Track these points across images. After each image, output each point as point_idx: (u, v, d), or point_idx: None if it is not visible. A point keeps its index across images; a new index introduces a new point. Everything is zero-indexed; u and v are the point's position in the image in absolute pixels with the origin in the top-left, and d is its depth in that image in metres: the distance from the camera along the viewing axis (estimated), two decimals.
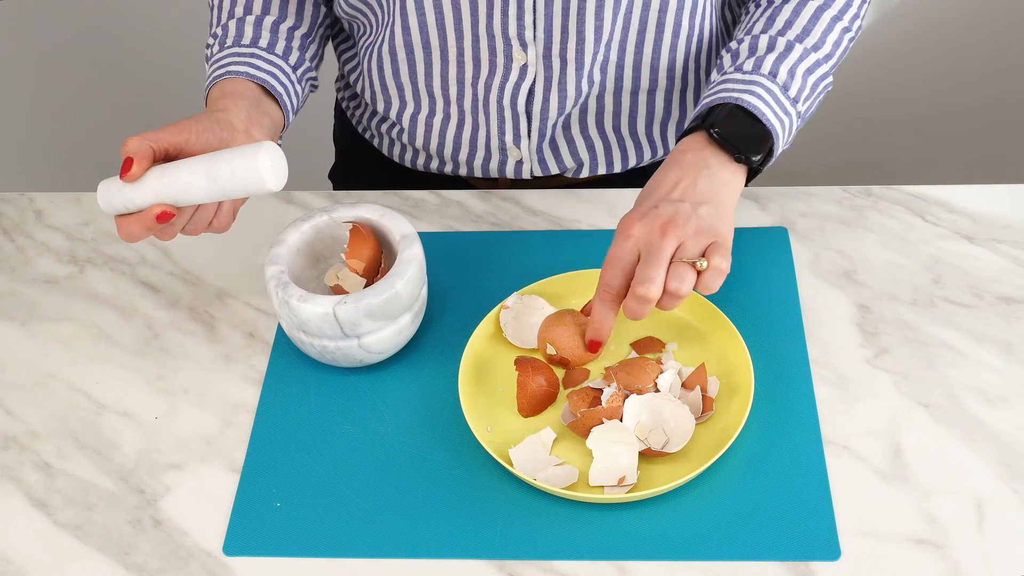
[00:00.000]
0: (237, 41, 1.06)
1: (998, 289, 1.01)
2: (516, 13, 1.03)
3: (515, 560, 0.84)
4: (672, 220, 0.91)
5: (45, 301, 1.06)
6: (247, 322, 1.03)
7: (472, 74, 1.09)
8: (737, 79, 0.99)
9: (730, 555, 0.83)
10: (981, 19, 1.97)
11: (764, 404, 0.92)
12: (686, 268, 0.89)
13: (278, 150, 0.89)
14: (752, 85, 0.98)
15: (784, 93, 0.99)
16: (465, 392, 0.92)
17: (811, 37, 1.02)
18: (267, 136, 1.01)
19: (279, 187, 0.89)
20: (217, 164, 0.88)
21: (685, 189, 0.94)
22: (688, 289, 0.89)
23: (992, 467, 0.88)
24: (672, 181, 0.94)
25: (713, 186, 0.94)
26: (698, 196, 0.93)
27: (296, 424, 0.94)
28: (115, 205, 0.92)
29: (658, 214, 0.91)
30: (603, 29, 1.04)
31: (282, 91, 1.05)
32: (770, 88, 0.98)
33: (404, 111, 1.16)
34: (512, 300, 0.98)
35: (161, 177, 0.89)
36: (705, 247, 0.90)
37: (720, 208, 0.93)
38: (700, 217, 0.92)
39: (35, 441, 0.95)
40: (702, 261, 0.89)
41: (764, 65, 0.99)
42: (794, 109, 0.99)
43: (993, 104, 2.07)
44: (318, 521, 0.87)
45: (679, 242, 0.90)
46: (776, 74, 0.99)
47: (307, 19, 1.12)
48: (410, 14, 1.05)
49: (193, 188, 0.88)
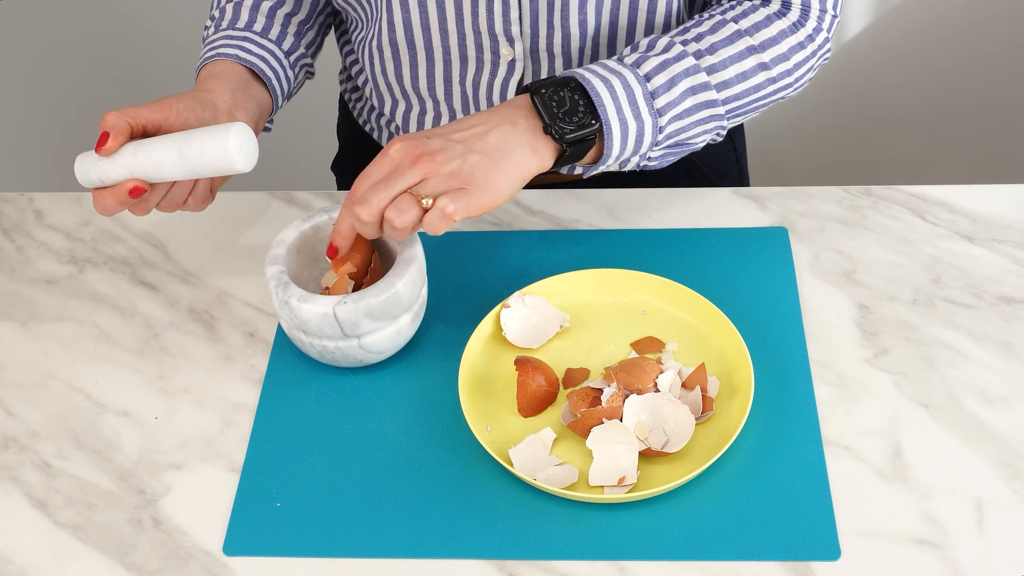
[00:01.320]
0: (232, 24, 1.08)
1: (998, 289, 1.01)
2: (502, 10, 1.03)
3: (515, 560, 0.84)
4: (432, 154, 0.87)
5: (45, 301, 1.06)
6: (247, 322, 1.03)
7: (459, 72, 1.09)
8: (610, 65, 0.95)
9: (730, 555, 0.83)
10: (981, 19, 1.97)
11: (764, 404, 0.92)
12: (409, 201, 0.85)
13: (249, 132, 0.91)
14: (614, 76, 0.94)
15: (648, 98, 0.94)
16: (465, 392, 0.92)
17: (713, 56, 0.96)
18: (251, 119, 1.02)
19: (248, 168, 0.91)
20: (189, 142, 0.90)
21: (473, 134, 0.89)
22: (405, 223, 0.86)
23: (992, 467, 0.88)
24: (470, 123, 0.90)
25: (505, 143, 0.89)
26: (481, 145, 0.89)
27: (296, 424, 0.94)
28: (91, 178, 0.95)
29: (425, 144, 0.88)
30: (587, 23, 1.04)
31: (271, 75, 1.06)
32: (630, 85, 0.93)
33: (397, 109, 1.16)
34: (512, 300, 0.98)
35: (135, 153, 0.92)
36: (448, 190, 0.86)
37: (495, 164, 0.88)
38: (465, 162, 0.87)
39: (35, 441, 0.95)
40: (427, 200, 0.85)
41: (644, 64, 0.95)
42: (652, 119, 0.94)
43: (993, 104, 2.07)
44: (318, 521, 0.87)
45: (423, 176, 0.86)
46: (651, 77, 0.94)
47: (305, 6, 1.13)
48: (395, 11, 1.06)
49: (164, 165, 0.91)
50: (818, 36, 1.02)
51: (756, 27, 0.99)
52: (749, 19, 0.99)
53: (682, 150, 1.00)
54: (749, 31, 0.98)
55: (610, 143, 0.93)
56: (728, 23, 0.99)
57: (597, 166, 0.96)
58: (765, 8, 1.00)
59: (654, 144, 0.96)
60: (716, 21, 0.99)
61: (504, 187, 0.89)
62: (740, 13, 1.00)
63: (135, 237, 1.12)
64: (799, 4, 1.01)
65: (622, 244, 1.06)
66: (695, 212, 1.09)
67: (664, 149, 0.98)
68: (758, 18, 0.99)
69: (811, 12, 1.01)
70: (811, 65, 1.03)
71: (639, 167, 0.99)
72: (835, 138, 2.13)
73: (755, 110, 1.02)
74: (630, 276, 1.00)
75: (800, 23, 1.00)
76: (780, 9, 1.00)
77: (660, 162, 1.00)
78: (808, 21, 1.01)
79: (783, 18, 1.00)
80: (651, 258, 1.04)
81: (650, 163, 0.99)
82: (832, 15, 1.03)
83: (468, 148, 0.88)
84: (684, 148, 1.00)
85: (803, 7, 1.01)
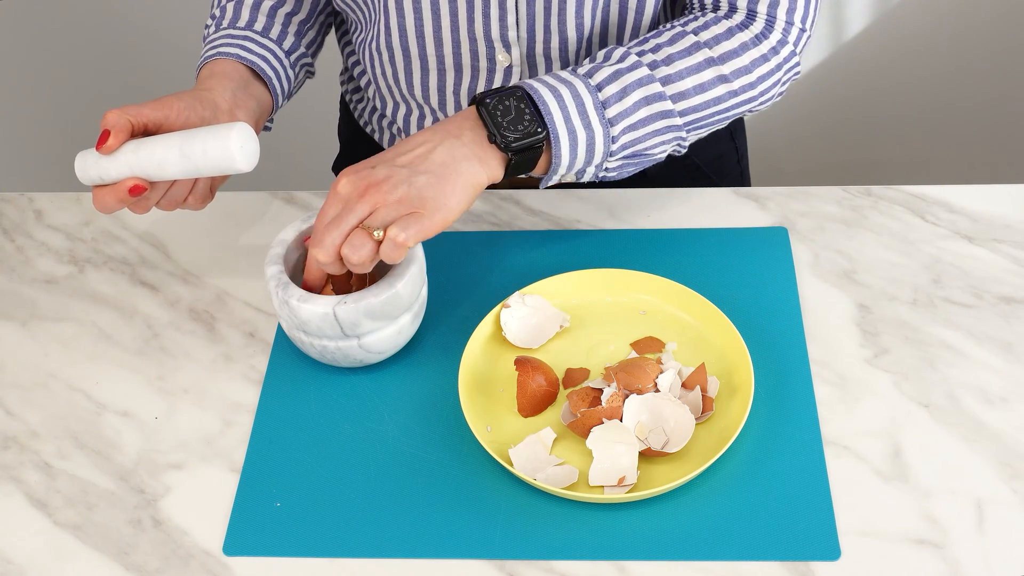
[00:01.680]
0: (233, 23, 1.08)
1: (998, 289, 1.01)
2: (498, 15, 1.03)
3: (515, 560, 0.84)
4: (378, 185, 0.87)
5: (45, 301, 1.06)
6: (247, 322, 1.03)
7: (453, 83, 1.09)
8: (560, 75, 0.94)
9: (730, 555, 0.83)
10: (981, 20, 1.97)
11: (764, 404, 0.92)
12: (362, 237, 0.86)
13: (251, 132, 0.91)
14: (563, 85, 0.93)
15: (599, 108, 0.93)
16: (465, 392, 0.92)
17: (669, 67, 0.95)
18: (252, 118, 1.02)
19: (249, 167, 0.91)
20: (191, 141, 0.90)
21: (418, 156, 0.89)
22: (361, 259, 0.86)
23: (992, 467, 0.88)
24: (415, 143, 0.90)
25: (450, 158, 0.89)
26: (427, 165, 0.88)
27: (296, 424, 0.94)
28: (91, 176, 0.95)
29: (370, 175, 0.88)
30: (584, 26, 1.04)
31: (272, 75, 1.06)
32: (580, 94, 0.92)
33: (398, 111, 1.16)
34: (512, 300, 0.98)
35: (136, 151, 0.92)
36: (399, 217, 0.86)
37: (443, 181, 0.88)
38: (412, 186, 0.87)
39: (35, 441, 0.95)
40: (379, 231, 0.85)
41: (596, 75, 0.94)
42: (603, 128, 0.93)
43: (993, 104, 2.07)
44: (318, 521, 0.87)
45: (372, 208, 0.86)
46: (602, 87, 0.93)
47: (306, 6, 1.13)
48: (391, 16, 1.06)
49: (166, 164, 0.91)
50: (783, 49, 1.00)
51: (716, 39, 0.97)
52: (710, 31, 0.98)
53: (640, 161, 0.98)
54: (709, 43, 0.97)
55: (558, 151, 0.92)
56: (688, 35, 0.97)
57: (550, 176, 0.95)
58: (728, 20, 0.99)
59: (608, 155, 0.95)
60: (676, 32, 0.98)
61: (455, 204, 0.88)
62: (701, 25, 0.98)
63: (135, 237, 1.12)
64: (764, 15, 0.99)
65: (622, 244, 1.06)
66: (695, 212, 1.09)
67: (621, 160, 0.97)
68: (719, 30, 0.98)
69: (776, 24, 0.99)
70: (777, 79, 1.01)
71: (597, 178, 0.98)
72: (835, 138, 2.13)
73: (718, 123, 1.00)
74: (630, 276, 1.00)
75: (763, 35, 0.99)
76: (743, 21, 0.99)
77: (619, 172, 0.98)
78: (772, 33, 0.99)
79: (746, 30, 0.98)
80: (651, 258, 1.04)
81: (608, 174, 0.98)
82: (800, 28, 1.00)
83: (413, 171, 0.88)
84: (643, 159, 0.98)
85: (768, 19, 0.99)
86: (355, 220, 0.86)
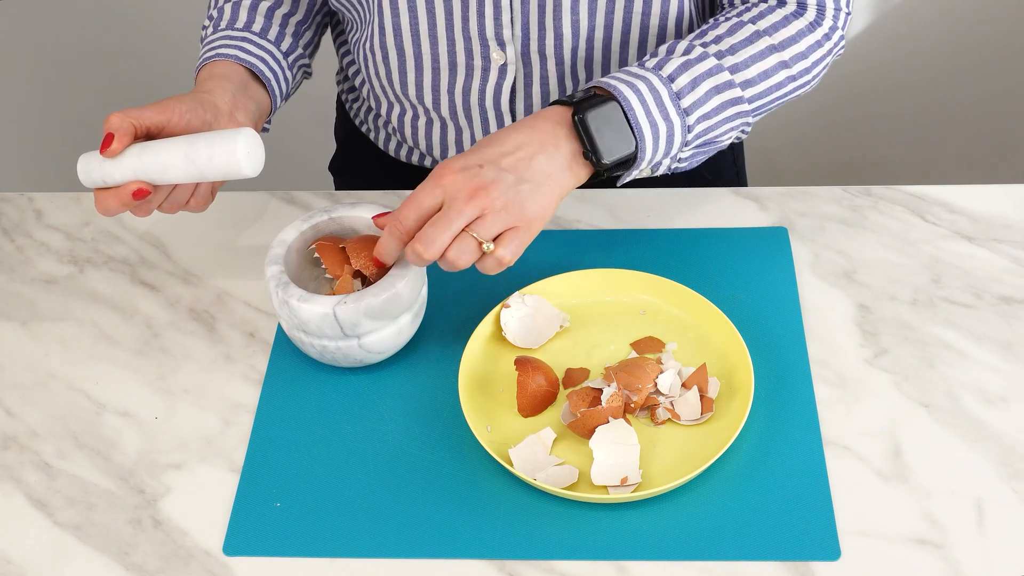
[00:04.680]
0: (231, 24, 1.08)
1: (998, 289, 1.01)
2: (493, 13, 1.03)
3: (515, 560, 0.84)
4: (487, 188, 0.87)
5: (45, 301, 1.06)
6: (247, 322, 1.03)
7: (448, 81, 1.09)
8: (632, 71, 0.95)
9: (730, 555, 0.83)
10: (981, 19, 1.97)
11: (764, 404, 0.92)
12: (472, 243, 0.87)
13: (256, 137, 0.91)
14: (638, 80, 0.93)
15: (674, 99, 0.94)
16: (465, 392, 0.92)
17: (735, 57, 0.97)
18: (251, 120, 1.02)
19: (255, 173, 0.91)
20: (196, 147, 0.90)
21: (520, 160, 0.89)
22: (465, 263, 0.87)
23: (992, 467, 0.88)
24: (514, 144, 0.90)
25: (550, 168, 0.90)
26: (530, 173, 0.89)
27: (296, 424, 0.94)
28: (94, 179, 0.95)
29: (479, 175, 0.88)
30: (580, 24, 1.04)
31: (271, 76, 1.06)
32: (656, 88, 0.93)
33: (392, 111, 1.17)
34: (512, 300, 0.98)
35: (140, 155, 0.92)
36: (503, 229, 0.87)
37: (541, 191, 0.89)
38: (518, 194, 0.88)
39: (35, 441, 0.95)
40: (489, 244, 0.87)
41: (666, 67, 0.95)
42: (680, 118, 0.94)
43: (993, 104, 2.07)
44: (318, 521, 0.87)
45: (481, 212, 0.87)
46: (674, 79, 0.94)
47: (303, 7, 1.13)
48: (386, 15, 1.06)
49: (171, 168, 0.91)
50: (834, 34, 1.04)
51: (775, 27, 1.00)
52: (767, 20, 1.00)
53: (710, 149, 1.00)
54: (768, 31, 0.99)
55: (643, 147, 0.93)
56: (746, 24, 1.00)
57: (631, 172, 0.96)
58: (782, 9, 1.02)
59: (684, 144, 0.96)
60: (733, 23, 1.00)
61: (550, 212, 0.91)
62: (758, 14, 1.01)
63: (135, 237, 1.12)
64: (815, 4, 1.02)
65: (622, 244, 1.06)
66: (695, 212, 1.09)
67: (694, 149, 0.98)
68: (776, 19, 1.01)
69: (827, 11, 1.03)
70: (827, 62, 1.05)
71: (671, 170, 1.00)
72: (835, 138, 2.13)
73: (778, 106, 1.03)
74: (630, 276, 1.00)
75: (817, 22, 1.02)
76: (796, 10, 1.02)
77: (690, 163, 1.00)
78: (824, 20, 1.02)
79: (800, 18, 1.01)
80: (651, 258, 1.04)
81: (680, 164, 1.00)
82: (846, 12, 1.05)
83: (519, 178, 0.89)
84: (712, 147, 1.00)
85: (819, 7, 1.02)
86: (463, 222, 0.86)
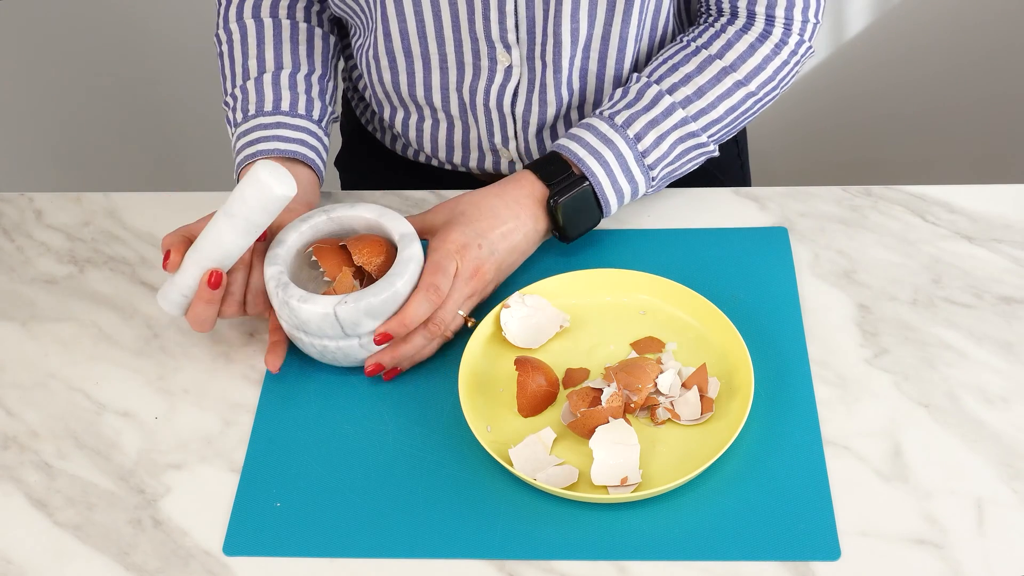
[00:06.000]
0: (260, 108, 1.06)
1: (998, 289, 1.01)
2: (498, 17, 1.03)
3: (515, 560, 0.84)
4: (481, 271, 0.97)
5: (45, 301, 1.06)
6: (247, 322, 1.03)
7: (456, 79, 1.09)
8: (601, 132, 1.02)
9: (730, 555, 0.83)
10: (980, 19, 1.97)
11: (764, 404, 0.92)
12: (460, 320, 0.97)
13: (274, 163, 0.92)
14: (605, 148, 1.01)
15: (639, 159, 1.02)
16: (465, 392, 0.92)
17: (701, 100, 1.03)
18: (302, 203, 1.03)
19: (289, 191, 0.91)
20: (228, 202, 0.91)
21: (506, 235, 0.99)
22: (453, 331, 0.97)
23: (992, 467, 0.88)
24: (504, 218, 0.99)
25: (525, 245, 1.01)
26: (514, 255, 1.00)
27: (296, 424, 0.94)
28: (173, 300, 0.96)
29: (479, 255, 0.97)
30: (579, 32, 1.04)
31: (314, 156, 1.06)
32: (622, 153, 1.01)
33: (396, 115, 1.16)
34: (512, 300, 0.98)
35: (194, 249, 0.93)
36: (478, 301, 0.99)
37: (515, 264, 1.01)
38: (499, 272, 0.99)
39: (35, 441, 0.95)
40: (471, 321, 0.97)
41: (633, 125, 1.02)
42: (644, 176, 1.03)
43: (993, 104, 2.07)
44: (318, 521, 0.87)
45: (472, 293, 0.97)
46: (641, 137, 1.02)
47: (319, 57, 1.11)
48: (391, 21, 1.05)
49: (221, 234, 0.92)
50: (800, 48, 1.06)
51: (741, 59, 1.04)
52: (734, 50, 1.04)
53: (673, 180, 1.08)
54: (734, 65, 1.04)
55: (608, 213, 1.03)
56: (714, 60, 1.03)
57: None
58: (747, 34, 1.04)
59: (648, 191, 1.05)
60: (702, 59, 1.04)
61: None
62: (725, 44, 1.04)
63: (135, 237, 1.12)
64: (782, 20, 1.04)
65: (622, 244, 1.06)
66: (695, 212, 1.09)
67: (656, 187, 1.05)
68: (742, 48, 1.04)
69: (793, 26, 1.04)
70: (793, 72, 1.08)
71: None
72: (835, 138, 2.13)
73: (740, 126, 1.08)
74: (630, 276, 1.00)
75: (783, 41, 1.04)
76: (764, 30, 1.04)
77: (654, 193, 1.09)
78: (791, 36, 1.05)
79: (766, 41, 1.04)
80: (651, 258, 1.04)
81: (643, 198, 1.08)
82: (814, 23, 1.06)
83: (503, 258, 0.99)
84: (675, 178, 1.07)
85: (786, 22, 1.04)
86: (463, 301, 0.96)
